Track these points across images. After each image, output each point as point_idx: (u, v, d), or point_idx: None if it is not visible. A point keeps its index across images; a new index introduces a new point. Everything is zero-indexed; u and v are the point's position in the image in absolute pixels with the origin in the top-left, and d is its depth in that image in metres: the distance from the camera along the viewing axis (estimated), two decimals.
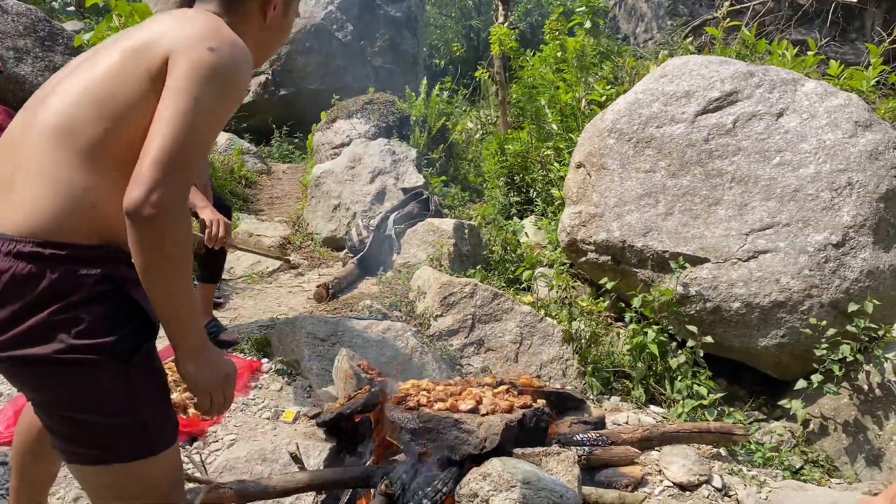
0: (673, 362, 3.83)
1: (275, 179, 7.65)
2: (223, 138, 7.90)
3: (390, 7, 12.26)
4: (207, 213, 3.16)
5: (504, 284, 4.80)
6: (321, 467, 2.67)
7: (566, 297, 4.18)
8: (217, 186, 6.59)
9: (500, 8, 6.58)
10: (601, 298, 4.59)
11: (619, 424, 3.51)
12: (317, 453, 2.71)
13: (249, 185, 7.29)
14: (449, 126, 7.22)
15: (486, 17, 14.27)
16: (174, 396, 3.09)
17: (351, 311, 4.21)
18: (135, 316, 1.39)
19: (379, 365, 3.54)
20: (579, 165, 4.87)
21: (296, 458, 2.49)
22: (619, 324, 4.58)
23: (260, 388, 3.45)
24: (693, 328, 3.86)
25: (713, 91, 4.38)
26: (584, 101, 5.77)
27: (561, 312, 4.14)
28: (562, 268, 4.79)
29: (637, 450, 3.07)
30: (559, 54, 5.94)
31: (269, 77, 11.19)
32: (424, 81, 7.53)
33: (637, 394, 3.87)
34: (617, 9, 12.83)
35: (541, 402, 2.99)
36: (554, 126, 5.69)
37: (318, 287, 4.47)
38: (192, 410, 3.08)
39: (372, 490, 2.51)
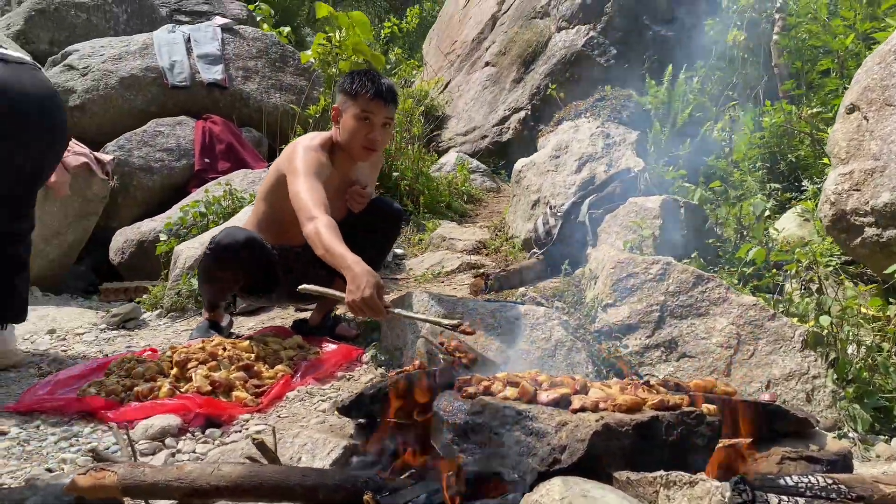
0: None
1: (502, 197, 6.97)
2: (452, 157, 7.50)
3: (660, 27, 11.13)
4: (350, 288, 2.26)
5: (738, 283, 3.41)
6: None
7: (812, 280, 2.73)
8: (430, 199, 6.11)
9: None
10: (891, 301, 2.98)
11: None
12: (325, 453, 1.80)
13: (473, 200, 6.70)
14: (701, 118, 5.87)
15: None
16: (220, 374, 2.45)
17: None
18: None
19: (504, 362, 2.54)
20: (851, 109, 3.34)
21: (262, 448, 1.62)
22: None
23: (348, 379, 2.66)
24: None
25: None
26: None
27: (804, 303, 2.71)
28: (828, 260, 3.27)
29: None
30: None
31: (528, 113, 10.73)
32: (669, 69, 6.31)
33: None
34: None
35: (708, 407, 1.74)
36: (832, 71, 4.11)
37: (475, 277, 3.58)
38: (236, 394, 2.39)
39: None
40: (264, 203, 3.02)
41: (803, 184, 4.45)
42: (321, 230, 2.40)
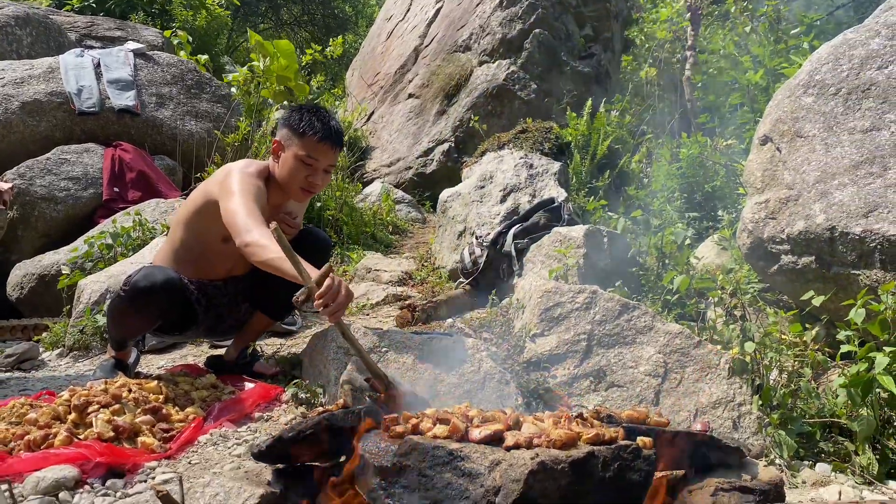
0: None
1: (428, 227, 6.92)
2: (377, 188, 7.42)
3: (578, 63, 11.44)
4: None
5: (661, 311, 3.45)
6: None
7: (736, 307, 2.76)
8: (354, 230, 6.00)
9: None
10: (807, 326, 3.05)
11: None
12: (239, 503, 1.65)
13: (398, 231, 6.63)
14: (620, 150, 6.02)
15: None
16: (125, 418, 2.25)
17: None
18: None
19: (433, 396, 2.44)
20: (764, 141, 3.47)
21: (166, 500, 1.47)
22: (841, 364, 3.00)
23: (266, 420, 2.50)
24: None
25: None
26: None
27: (728, 330, 2.73)
28: (747, 287, 3.34)
29: None
30: (747, 29, 4.59)
31: (452, 145, 10.78)
32: (589, 102, 6.46)
33: (863, 460, 2.31)
34: None
35: (644, 440, 1.69)
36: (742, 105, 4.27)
37: (402, 310, 3.49)
38: (142, 439, 2.20)
39: None
40: (184, 230, 2.80)
41: (719, 213, 4.58)
42: (270, 237, 2.25)
